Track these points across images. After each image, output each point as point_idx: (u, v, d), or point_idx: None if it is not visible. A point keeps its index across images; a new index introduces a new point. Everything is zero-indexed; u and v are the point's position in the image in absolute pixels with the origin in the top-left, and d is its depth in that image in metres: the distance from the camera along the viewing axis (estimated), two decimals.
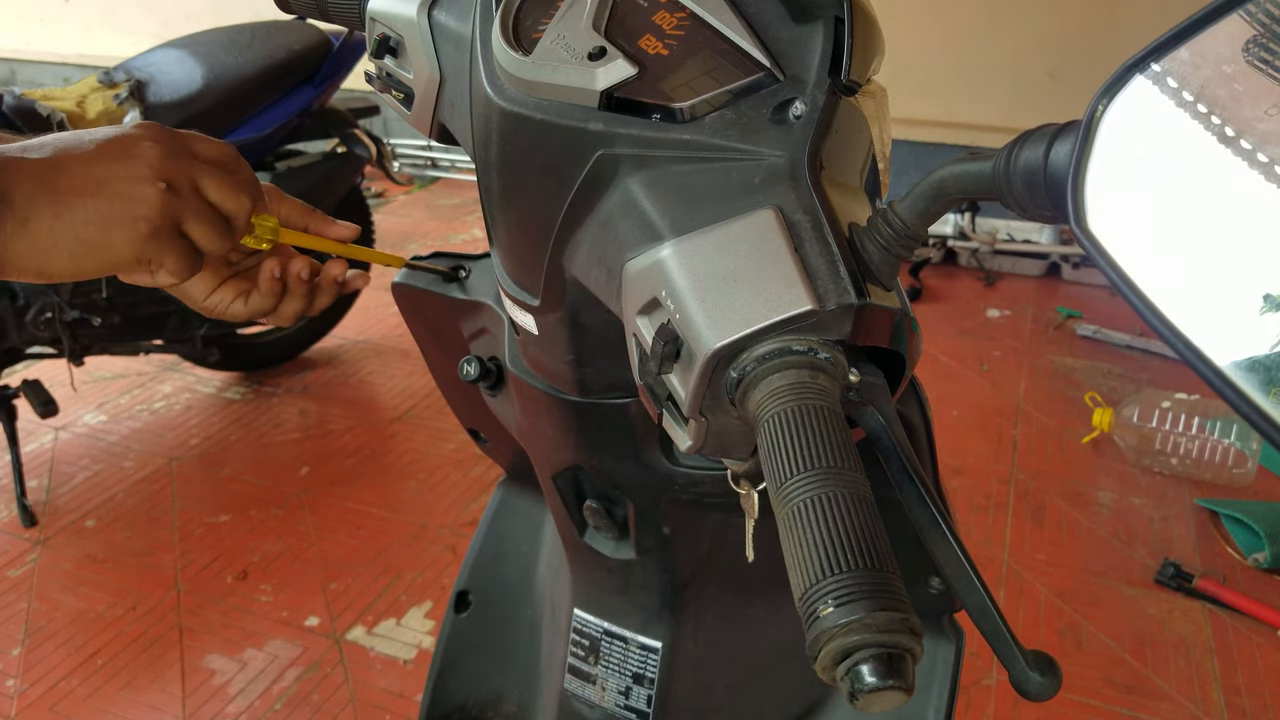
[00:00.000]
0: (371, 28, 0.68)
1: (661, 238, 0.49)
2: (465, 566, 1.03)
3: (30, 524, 2.17)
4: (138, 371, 2.82)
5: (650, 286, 0.48)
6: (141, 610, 1.92)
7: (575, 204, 0.54)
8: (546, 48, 0.53)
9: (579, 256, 0.56)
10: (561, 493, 0.76)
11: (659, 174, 0.52)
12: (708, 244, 0.47)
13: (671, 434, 0.49)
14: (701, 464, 0.67)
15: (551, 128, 0.53)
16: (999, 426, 2.47)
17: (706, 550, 0.76)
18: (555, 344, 0.63)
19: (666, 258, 0.47)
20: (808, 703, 0.86)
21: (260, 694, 1.72)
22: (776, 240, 0.46)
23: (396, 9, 0.65)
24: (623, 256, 0.51)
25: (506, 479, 1.04)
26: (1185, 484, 2.21)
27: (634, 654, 0.80)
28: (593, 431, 0.68)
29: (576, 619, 0.84)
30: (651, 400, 0.49)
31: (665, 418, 0.49)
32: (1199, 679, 1.70)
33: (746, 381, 0.44)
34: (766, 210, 0.47)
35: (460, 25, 0.62)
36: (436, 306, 0.80)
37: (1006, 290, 3.24)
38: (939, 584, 0.77)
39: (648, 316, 0.48)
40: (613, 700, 0.82)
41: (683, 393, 0.46)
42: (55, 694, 1.73)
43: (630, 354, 0.51)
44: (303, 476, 2.34)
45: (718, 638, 0.81)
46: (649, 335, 0.47)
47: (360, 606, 1.92)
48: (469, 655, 1.01)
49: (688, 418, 0.47)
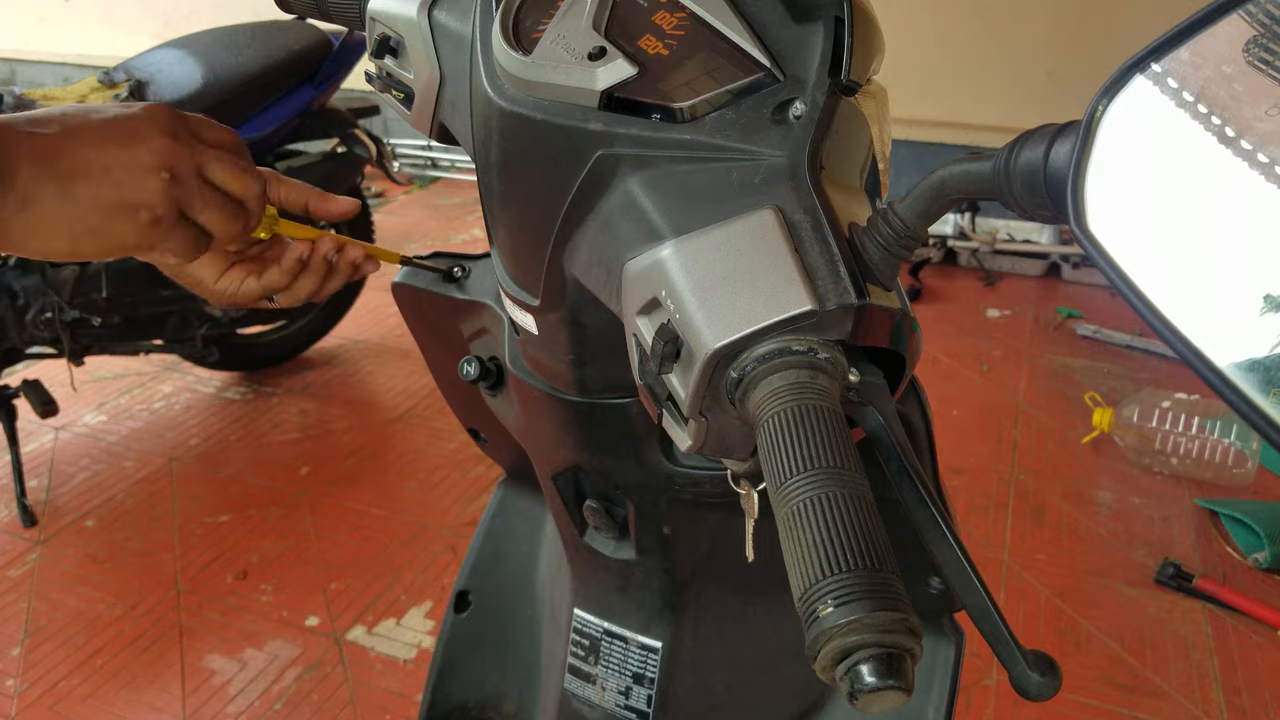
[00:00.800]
0: (372, 28, 0.68)
1: (661, 237, 0.48)
2: (465, 567, 1.03)
3: (30, 524, 2.17)
4: (138, 371, 2.82)
5: (650, 286, 0.48)
6: (141, 610, 1.92)
7: (575, 203, 0.54)
8: (546, 48, 0.53)
9: (579, 256, 0.56)
10: (561, 493, 0.76)
11: (659, 174, 0.52)
12: (708, 244, 0.47)
13: (671, 434, 0.49)
14: (701, 464, 0.67)
15: (552, 128, 0.53)
16: (999, 426, 2.47)
17: (706, 550, 0.76)
18: (555, 343, 0.63)
19: (666, 258, 0.47)
20: (808, 703, 0.86)
21: (260, 694, 1.72)
22: (776, 240, 0.46)
23: (397, 9, 0.65)
24: (623, 256, 0.51)
25: (506, 479, 1.04)
26: (1185, 484, 2.21)
27: (634, 654, 0.80)
28: (593, 431, 0.68)
29: (577, 619, 0.84)
30: (651, 400, 0.49)
31: (665, 418, 0.49)
32: (1199, 679, 1.70)
33: (746, 381, 0.44)
34: (766, 210, 0.47)
35: (460, 25, 0.62)
36: (436, 307, 0.80)
37: (1007, 290, 3.24)
38: (939, 584, 0.77)
39: (648, 316, 0.48)
40: (613, 700, 0.82)
41: (683, 393, 0.46)
42: (55, 694, 1.73)
43: (630, 354, 0.50)
44: (303, 476, 2.34)
45: (718, 638, 0.81)
46: (649, 335, 0.47)
47: (360, 606, 1.92)
48: (469, 655, 1.01)
49: (688, 418, 0.47)
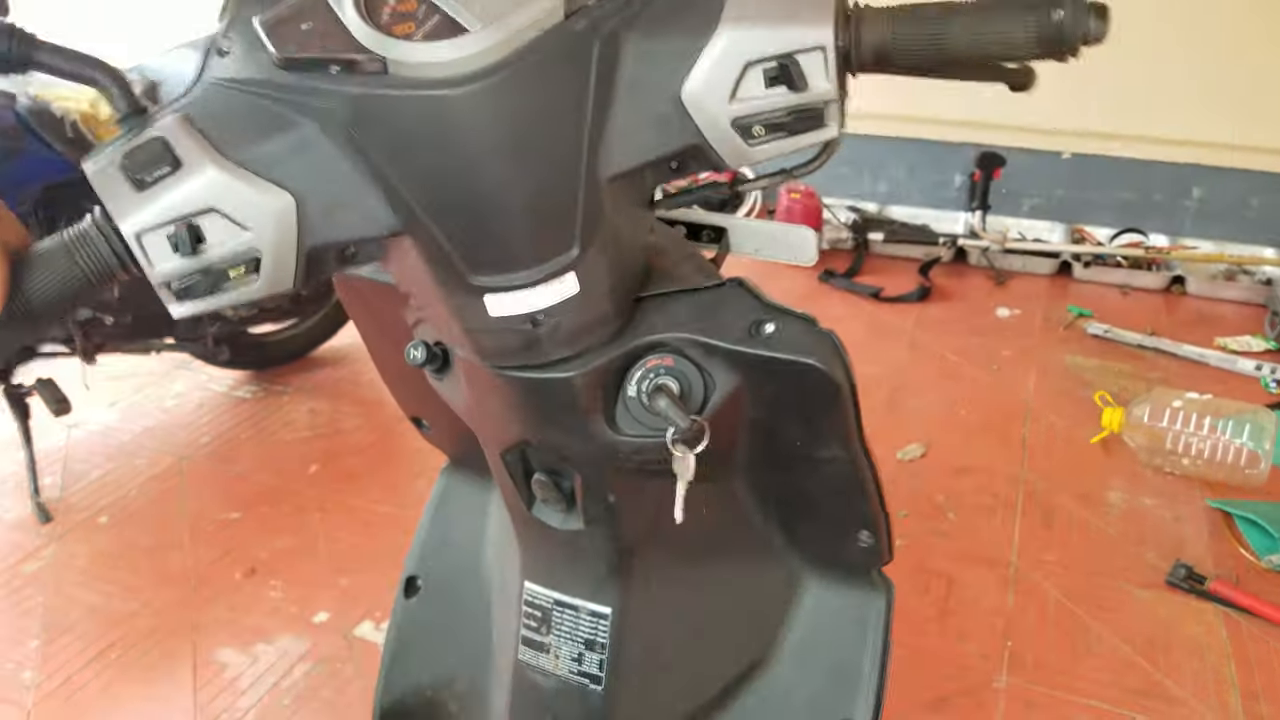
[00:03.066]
0: (152, 245, 0.56)
1: (699, 46, 0.57)
2: (413, 552, 1.07)
3: (45, 520, 2.19)
4: (150, 370, 2.84)
5: (731, 67, 0.57)
6: (154, 606, 1.94)
7: (599, 102, 0.57)
8: (475, 11, 0.55)
9: (615, 146, 0.59)
10: (510, 469, 0.78)
11: (648, 16, 0.58)
12: (750, 8, 0.57)
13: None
14: (643, 432, 0.70)
15: (547, 55, 0.55)
16: (1008, 426, 2.46)
17: (651, 517, 0.78)
18: (598, 286, 0.65)
19: (727, 38, 0.56)
20: (750, 660, 0.89)
21: (270, 688, 1.73)
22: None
23: (192, 186, 0.55)
24: (673, 90, 0.58)
25: (449, 466, 1.07)
26: (1197, 484, 2.19)
27: (585, 621, 0.83)
28: (540, 406, 0.70)
29: (528, 592, 0.86)
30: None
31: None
32: (1215, 683, 1.68)
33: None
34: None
35: (297, 122, 0.56)
36: (379, 294, 0.80)
37: (1017, 289, 3.23)
38: (868, 537, 0.79)
39: (741, 88, 0.57)
40: (566, 667, 0.85)
41: (827, 86, 0.57)
42: (70, 686, 1.74)
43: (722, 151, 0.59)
44: (312, 474, 2.35)
45: (664, 601, 0.84)
46: (763, 89, 0.56)
47: (369, 602, 1.92)
48: (420, 639, 1.04)
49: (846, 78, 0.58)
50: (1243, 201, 3.23)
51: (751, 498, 0.82)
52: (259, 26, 0.55)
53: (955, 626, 1.82)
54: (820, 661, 0.86)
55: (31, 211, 2.11)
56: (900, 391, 2.63)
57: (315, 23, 0.55)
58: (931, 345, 2.87)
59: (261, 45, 0.55)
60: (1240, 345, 2.74)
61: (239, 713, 1.68)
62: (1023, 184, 3.44)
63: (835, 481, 0.73)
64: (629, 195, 0.64)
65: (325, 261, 0.60)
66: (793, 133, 0.59)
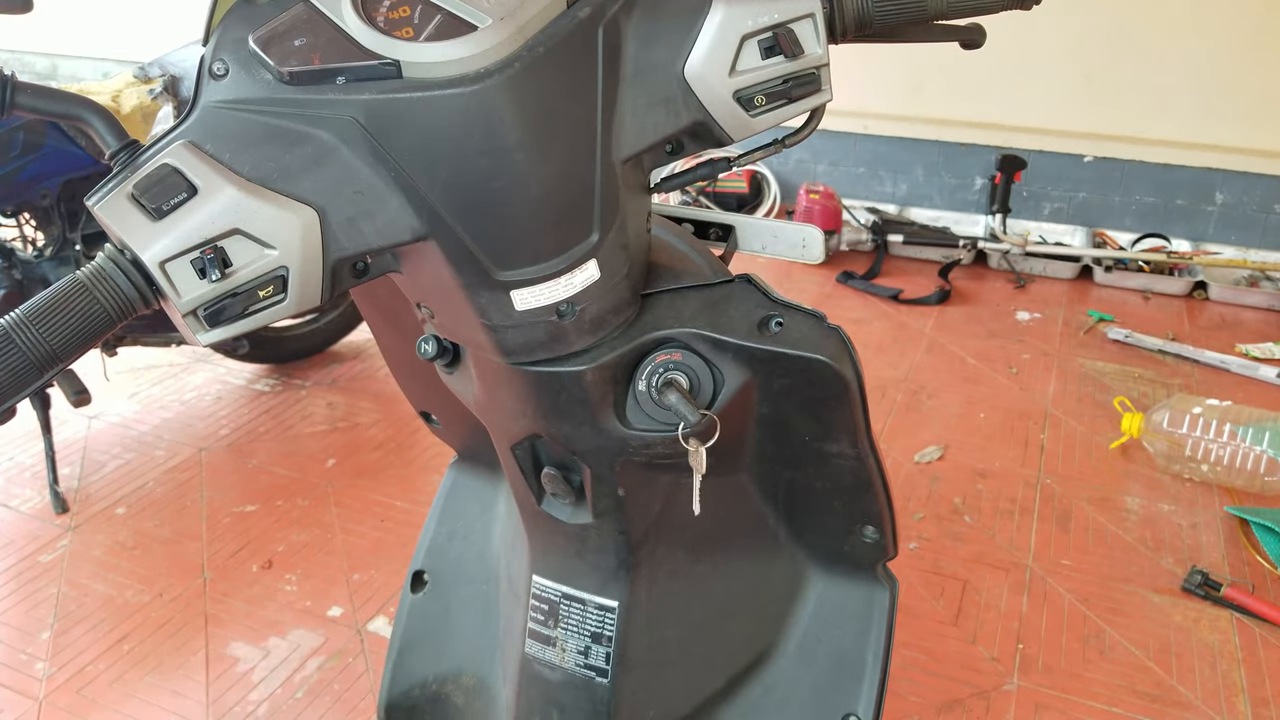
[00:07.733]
0: (178, 274, 0.54)
1: (696, 21, 0.59)
2: (420, 547, 1.07)
3: (62, 510, 2.21)
4: (169, 363, 2.86)
5: (728, 42, 0.59)
6: (168, 597, 1.95)
7: (608, 88, 0.59)
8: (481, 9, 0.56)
9: (626, 127, 0.61)
10: (520, 462, 0.78)
11: (644, 0, 0.60)
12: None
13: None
14: (653, 426, 0.70)
15: (556, 44, 0.56)
16: (1026, 430, 2.44)
17: (659, 511, 0.79)
18: (616, 272, 0.66)
19: (722, 14, 0.58)
20: (755, 653, 0.90)
21: (283, 682, 1.74)
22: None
23: (213, 209, 0.53)
24: (675, 69, 0.60)
25: (457, 461, 1.07)
26: (1215, 491, 2.17)
27: (592, 614, 0.84)
28: (551, 400, 0.71)
29: (536, 585, 0.86)
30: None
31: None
32: (1226, 689, 1.67)
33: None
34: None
35: (305, 127, 0.55)
36: (390, 289, 0.81)
37: (1037, 293, 3.20)
38: (873, 533, 0.80)
39: (740, 61, 0.60)
40: (573, 660, 0.85)
41: (819, 51, 0.60)
42: (82, 677, 1.76)
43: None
44: (329, 468, 2.36)
45: (671, 595, 0.85)
46: (760, 59, 0.59)
47: (383, 597, 1.93)
48: (427, 633, 1.05)
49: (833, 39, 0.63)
50: (1266, 207, 3.20)
51: (759, 492, 0.82)
52: (255, 45, 0.55)
53: (969, 629, 1.81)
54: (824, 655, 0.86)
55: (53, 205, 2.13)
56: (919, 394, 2.62)
57: (312, 35, 0.54)
58: (950, 348, 2.86)
59: (259, 63, 0.55)
60: (1262, 352, 2.71)
61: (251, 706, 1.70)
62: (1044, 187, 3.42)
63: (842, 476, 0.74)
64: (634, 179, 0.65)
65: (346, 276, 0.59)
66: (792, 99, 0.62)
